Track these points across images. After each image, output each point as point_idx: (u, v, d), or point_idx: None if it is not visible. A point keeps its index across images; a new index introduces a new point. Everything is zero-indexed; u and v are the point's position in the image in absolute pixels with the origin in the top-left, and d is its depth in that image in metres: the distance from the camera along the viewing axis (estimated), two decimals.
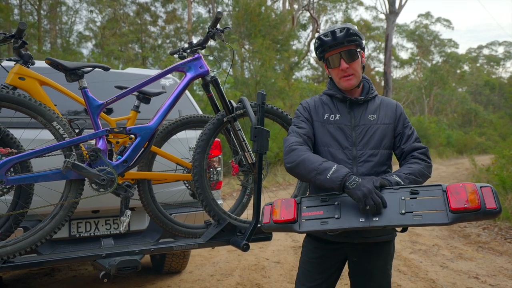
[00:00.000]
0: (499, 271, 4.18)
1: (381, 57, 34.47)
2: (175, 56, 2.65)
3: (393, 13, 19.21)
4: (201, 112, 3.28)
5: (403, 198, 1.57)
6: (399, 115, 1.91)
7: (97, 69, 2.37)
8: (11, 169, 2.11)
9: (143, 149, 2.39)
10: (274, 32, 17.39)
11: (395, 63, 37.65)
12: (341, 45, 1.82)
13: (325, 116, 1.91)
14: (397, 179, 1.70)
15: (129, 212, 2.43)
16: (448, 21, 41.02)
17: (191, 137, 2.88)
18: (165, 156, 2.68)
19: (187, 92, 3.30)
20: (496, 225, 6.25)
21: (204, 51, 2.64)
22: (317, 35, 1.94)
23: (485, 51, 47.89)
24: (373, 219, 1.56)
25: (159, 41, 24.28)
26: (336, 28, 1.83)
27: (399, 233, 1.90)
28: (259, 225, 1.86)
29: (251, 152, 2.59)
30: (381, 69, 32.97)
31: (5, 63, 2.45)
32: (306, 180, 1.79)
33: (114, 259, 2.16)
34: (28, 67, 2.22)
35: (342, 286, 3.64)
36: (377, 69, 36.24)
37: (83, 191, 2.23)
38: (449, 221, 1.46)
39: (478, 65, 47.34)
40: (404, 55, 41.25)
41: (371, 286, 1.90)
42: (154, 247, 2.39)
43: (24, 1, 18.12)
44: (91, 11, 22.13)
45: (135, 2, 22.88)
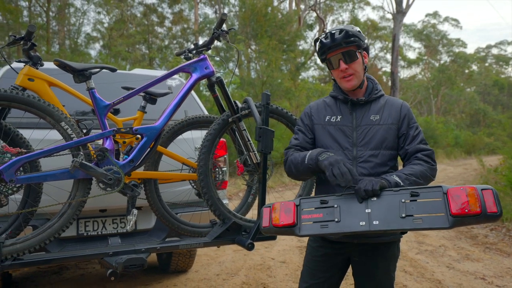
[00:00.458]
0: (506, 272, 4.15)
1: (388, 57, 34.27)
2: (181, 57, 2.68)
3: (400, 12, 19.11)
4: (206, 112, 3.30)
5: (403, 200, 1.56)
6: (404, 115, 1.89)
7: (104, 70, 2.40)
8: (21, 169, 2.15)
9: (149, 149, 2.41)
10: (280, 32, 17.37)
11: (402, 63, 37.40)
12: (339, 46, 1.84)
13: (327, 118, 1.94)
14: (396, 179, 1.69)
15: (135, 211, 2.46)
16: (456, 20, 40.72)
17: (197, 137, 2.91)
18: (171, 156, 2.71)
19: (193, 92, 3.33)
20: (504, 226, 6.19)
21: (210, 51, 2.66)
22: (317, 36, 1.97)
23: (494, 51, 47.44)
24: (373, 222, 1.57)
25: (166, 42, 24.41)
26: (334, 30, 1.86)
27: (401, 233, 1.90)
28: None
29: (256, 152, 2.61)
30: (388, 69, 32.81)
31: (15, 65, 2.49)
32: (304, 175, 1.91)
33: (120, 257, 2.17)
34: (37, 69, 2.26)
35: (347, 286, 3.65)
36: (384, 69, 36.08)
37: (90, 190, 2.25)
38: (450, 225, 1.46)
39: (486, 64, 46.86)
40: (411, 55, 41.02)
41: (372, 287, 1.90)
42: (160, 246, 2.41)
43: (33, 3, 18.32)
44: (99, 13, 22.33)
45: (142, 3, 23.03)
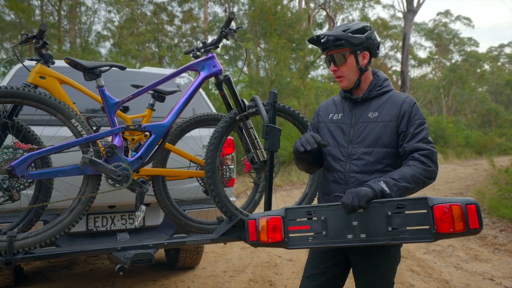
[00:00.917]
0: None
1: (398, 56, 33.99)
2: (190, 55, 2.70)
3: (411, 11, 18.92)
4: (214, 110, 3.32)
5: (390, 213, 1.59)
6: (404, 112, 1.80)
7: (114, 68, 2.43)
8: (32, 164, 2.20)
9: (157, 146, 2.44)
10: (289, 31, 17.34)
11: (412, 62, 37.02)
12: (328, 49, 1.87)
13: (330, 116, 1.98)
14: (383, 187, 1.65)
15: (144, 207, 2.48)
16: (468, 19, 40.31)
17: (205, 135, 2.93)
18: (179, 153, 2.73)
19: (201, 90, 3.35)
20: None
21: (219, 50, 2.68)
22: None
23: (507, 50, 46.76)
24: (361, 236, 1.61)
25: (176, 40, 24.50)
26: (323, 34, 1.88)
27: None
28: (245, 240, 1.94)
29: (263, 150, 2.62)
30: (398, 68, 32.51)
31: (27, 63, 2.53)
32: (300, 165, 2.05)
33: (129, 252, 2.21)
34: (48, 67, 2.29)
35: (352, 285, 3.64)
36: (394, 68, 35.74)
37: (99, 186, 2.29)
38: (434, 240, 1.56)
39: (499, 64, 46.13)
40: (422, 54, 40.57)
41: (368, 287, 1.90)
42: (167, 241, 2.44)
43: (45, 2, 18.54)
44: (110, 11, 22.51)
45: (152, 2, 23.15)
